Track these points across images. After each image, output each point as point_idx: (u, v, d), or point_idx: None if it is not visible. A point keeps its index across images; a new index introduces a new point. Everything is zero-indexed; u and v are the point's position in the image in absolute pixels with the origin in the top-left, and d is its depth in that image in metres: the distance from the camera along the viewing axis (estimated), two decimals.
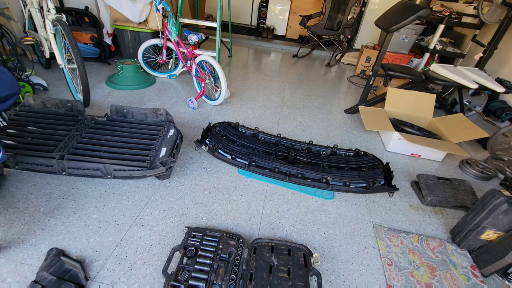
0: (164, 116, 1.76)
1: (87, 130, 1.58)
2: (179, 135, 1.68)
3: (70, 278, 1.03)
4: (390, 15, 2.29)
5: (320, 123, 2.45)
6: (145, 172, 1.32)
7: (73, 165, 1.34)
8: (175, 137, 1.63)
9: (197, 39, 2.29)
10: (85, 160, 1.35)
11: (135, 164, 1.36)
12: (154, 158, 1.45)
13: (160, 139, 1.58)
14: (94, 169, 1.34)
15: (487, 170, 1.95)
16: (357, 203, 1.58)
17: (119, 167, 1.33)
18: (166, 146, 1.54)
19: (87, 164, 1.33)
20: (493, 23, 2.80)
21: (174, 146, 1.58)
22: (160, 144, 1.55)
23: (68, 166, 1.34)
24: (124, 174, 1.34)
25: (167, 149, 1.52)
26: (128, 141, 1.56)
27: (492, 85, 2.24)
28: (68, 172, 1.36)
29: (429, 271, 1.25)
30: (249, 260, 1.11)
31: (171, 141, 1.59)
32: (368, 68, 3.84)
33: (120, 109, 1.75)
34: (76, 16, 3.06)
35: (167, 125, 1.70)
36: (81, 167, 1.34)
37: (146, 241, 1.21)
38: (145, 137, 1.60)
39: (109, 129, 1.63)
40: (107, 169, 1.32)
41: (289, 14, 5.10)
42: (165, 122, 1.75)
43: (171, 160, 1.40)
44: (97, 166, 1.33)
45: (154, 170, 1.32)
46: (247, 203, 1.49)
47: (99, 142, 1.52)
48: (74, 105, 1.72)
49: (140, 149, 1.50)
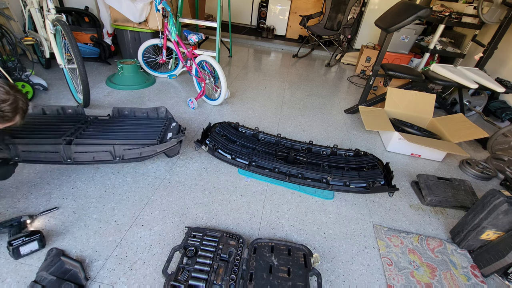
0: (165, 114, 1.80)
1: (92, 125, 1.61)
2: (181, 127, 1.71)
3: (70, 278, 1.02)
4: (390, 15, 2.29)
5: (320, 123, 2.45)
6: (156, 147, 1.31)
7: (81, 149, 1.32)
8: (178, 127, 1.68)
9: (197, 39, 2.29)
10: (93, 143, 1.34)
11: (145, 142, 1.36)
12: (162, 139, 1.49)
13: (165, 128, 1.64)
14: (104, 151, 1.33)
15: (487, 170, 1.95)
16: (357, 203, 1.58)
17: (129, 146, 1.33)
18: (171, 132, 1.59)
19: (95, 147, 1.32)
20: (493, 23, 2.80)
21: (179, 131, 1.64)
22: (165, 131, 1.60)
23: (75, 151, 1.33)
24: (134, 154, 1.33)
25: (173, 134, 1.56)
26: (134, 130, 1.59)
27: (492, 85, 2.24)
28: (74, 158, 1.34)
29: (429, 271, 1.25)
30: (249, 260, 1.11)
31: (175, 129, 1.65)
32: (368, 68, 3.84)
33: (121, 111, 1.80)
34: (76, 16, 3.06)
35: (169, 121, 1.75)
36: (89, 151, 1.32)
37: (146, 241, 1.21)
38: (149, 129, 1.64)
39: (114, 124, 1.67)
40: (116, 150, 1.31)
41: (289, 14, 5.10)
42: (166, 119, 1.79)
43: (181, 135, 1.43)
44: (106, 148, 1.32)
45: (165, 144, 1.33)
46: (247, 203, 1.49)
47: (106, 131, 1.55)
48: (76, 110, 1.75)
49: (148, 132, 1.54)
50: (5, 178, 1.28)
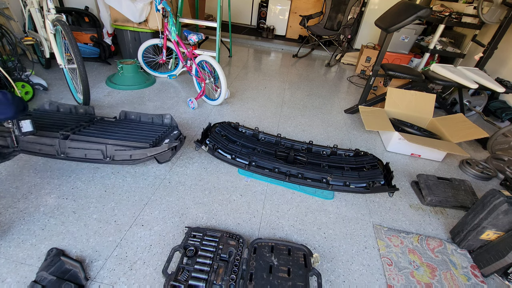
0: (170, 121, 1.80)
1: (95, 124, 1.63)
2: (182, 136, 1.70)
3: (70, 278, 1.03)
4: (390, 15, 2.29)
5: (320, 123, 2.45)
6: (146, 151, 1.30)
7: (74, 145, 1.33)
8: (178, 134, 1.68)
9: (197, 39, 2.29)
10: (88, 140, 1.34)
11: (137, 145, 1.36)
12: (157, 143, 1.48)
13: (164, 134, 1.64)
14: (95, 149, 1.33)
15: (487, 170, 1.95)
16: (357, 203, 1.58)
17: (120, 147, 1.32)
18: (169, 138, 1.59)
19: (88, 145, 1.32)
20: (493, 23, 2.80)
21: (177, 138, 1.63)
22: (163, 137, 1.59)
23: (69, 146, 1.34)
24: (125, 156, 1.32)
25: (170, 140, 1.55)
26: (132, 133, 1.60)
27: (492, 85, 2.24)
28: (67, 153, 1.35)
29: (429, 271, 1.25)
30: (249, 260, 1.11)
31: (173, 137, 1.64)
32: (368, 68, 3.84)
33: (128, 115, 1.83)
34: (76, 16, 3.06)
35: (171, 128, 1.75)
36: (83, 147, 1.33)
37: (146, 241, 1.21)
38: (148, 133, 1.64)
39: (116, 126, 1.68)
40: (108, 150, 1.31)
41: (289, 14, 5.10)
42: (170, 125, 1.79)
43: (174, 141, 1.41)
44: (98, 147, 1.32)
45: (155, 148, 1.31)
46: (247, 203, 1.49)
47: (104, 131, 1.55)
48: (87, 110, 1.81)
49: (145, 136, 1.54)
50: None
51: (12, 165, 1.51)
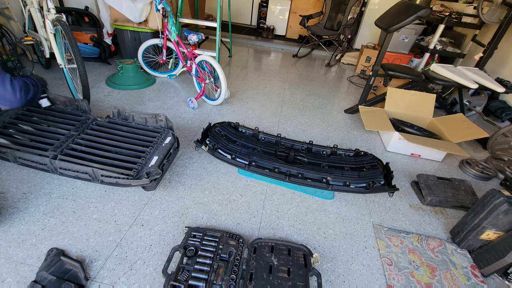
0: (164, 122, 1.70)
1: (85, 132, 1.59)
2: (175, 144, 1.61)
3: (70, 278, 1.03)
4: (390, 15, 2.29)
5: (320, 123, 2.45)
6: (131, 181, 1.30)
7: (64, 166, 1.33)
8: (169, 146, 1.57)
9: (197, 39, 2.29)
10: (76, 162, 1.34)
11: (122, 172, 1.33)
12: (143, 167, 1.41)
13: (154, 146, 1.54)
14: (83, 172, 1.33)
15: (487, 170, 1.95)
16: (357, 203, 1.58)
17: (106, 173, 1.31)
18: (158, 155, 1.49)
19: (77, 167, 1.32)
20: (493, 23, 2.80)
21: (166, 155, 1.52)
22: (152, 152, 1.50)
23: (60, 166, 1.34)
24: (111, 181, 1.33)
25: (159, 158, 1.47)
26: (122, 146, 1.53)
27: (492, 85, 2.24)
28: (60, 172, 1.35)
29: (429, 271, 1.25)
30: (249, 260, 1.11)
31: (164, 150, 1.54)
32: (368, 68, 3.84)
33: (122, 112, 1.74)
34: (76, 16, 3.06)
35: (165, 132, 1.65)
36: (72, 169, 1.33)
37: (146, 241, 1.21)
38: (140, 143, 1.56)
39: (106, 132, 1.63)
40: (95, 173, 1.31)
41: (289, 14, 5.10)
42: (164, 128, 1.70)
43: (156, 172, 1.35)
44: (86, 170, 1.31)
45: (138, 181, 1.30)
46: (247, 203, 1.49)
47: (94, 144, 1.51)
48: (81, 104, 1.76)
49: (132, 156, 1.48)
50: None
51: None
